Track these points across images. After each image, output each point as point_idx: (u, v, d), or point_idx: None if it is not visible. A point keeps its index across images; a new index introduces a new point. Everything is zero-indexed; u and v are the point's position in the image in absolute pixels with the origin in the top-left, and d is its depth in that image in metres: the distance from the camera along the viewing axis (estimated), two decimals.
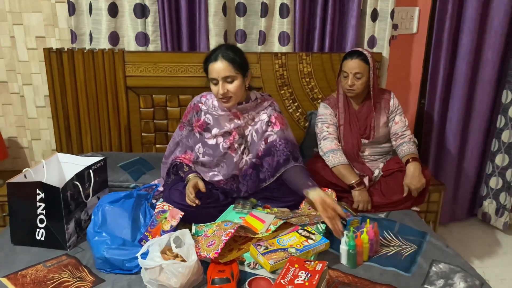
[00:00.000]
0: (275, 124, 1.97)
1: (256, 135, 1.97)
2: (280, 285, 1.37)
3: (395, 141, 2.26)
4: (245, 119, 1.97)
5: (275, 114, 1.98)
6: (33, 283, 1.52)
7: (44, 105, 2.69)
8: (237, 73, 1.85)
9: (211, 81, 1.87)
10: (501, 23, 2.63)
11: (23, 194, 1.72)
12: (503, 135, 2.80)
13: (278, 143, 1.95)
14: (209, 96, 2.02)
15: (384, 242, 1.84)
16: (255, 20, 2.58)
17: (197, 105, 2.02)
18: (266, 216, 1.81)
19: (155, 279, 1.48)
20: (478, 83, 2.78)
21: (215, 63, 1.83)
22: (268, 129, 1.97)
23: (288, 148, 1.95)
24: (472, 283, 1.55)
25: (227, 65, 1.82)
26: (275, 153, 1.95)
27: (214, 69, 1.83)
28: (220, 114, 1.96)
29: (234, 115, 1.96)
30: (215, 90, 1.87)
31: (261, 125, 1.97)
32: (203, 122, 1.99)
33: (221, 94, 1.85)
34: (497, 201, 2.92)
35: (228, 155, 1.98)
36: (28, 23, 2.55)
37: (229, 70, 1.83)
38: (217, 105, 1.98)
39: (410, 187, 2.07)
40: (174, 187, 1.95)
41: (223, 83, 1.84)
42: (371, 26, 2.61)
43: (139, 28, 2.49)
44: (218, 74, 1.82)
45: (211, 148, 1.99)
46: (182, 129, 2.08)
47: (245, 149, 1.99)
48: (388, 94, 2.28)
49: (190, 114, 2.04)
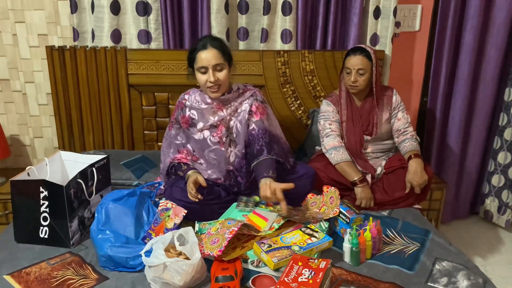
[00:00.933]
0: (255, 113, 1.96)
1: (241, 125, 1.96)
2: (284, 283, 1.37)
3: (397, 138, 2.26)
4: (228, 110, 1.97)
5: (256, 104, 1.97)
6: (37, 281, 1.52)
7: (46, 103, 2.69)
8: (225, 62, 1.87)
9: (198, 71, 1.87)
10: (504, 21, 2.62)
11: (26, 192, 1.72)
12: (506, 133, 2.80)
13: (257, 133, 1.92)
14: (192, 91, 2.03)
15: (387, 240, 1.84)
16: (257, 18, 2.57)
17: (181, 102, 2.04)
18: (269, 214, 1.82)
19: (159, 276, 1.48)
20: (481, 81, 2.78)
21: (204, 51, 1.84)
22: (250, 118, 1.96)
23: (264, 139, 1.90)
24: (476, 281, 1.55)
25: (217, 52, 1.84)
26: (252, 143, 1.92)
27: (204, 57, 1.83)
28: (203, 108, 1.97)
29: (217, 107, 1.97)
30: (203, 79, 1.86)
31: (243, 115, 1.97)
32: (188, 117, 2.00)
33: (211, 82, 1.85)
34: (499, 199, 2.92)
35: (218, 151, 1.97)
36: (30, 21, 2.54)
37: (219, 58, 1.85)
38: (200, 99, 1.98)
39: (412, 184, 2.07)
40: (175, 184, 1.95)
41: (213, 71, 1.84)
42: (373, 24, 2.60)
43: (141, 26, 2.49)
44: (209, 62, 1.83)
45: (199, 143, 1.99)
46: (170, 128, 2.08)
47: (231, 142, 1.98)
48: (390, 91, 2.28)
49: (176, 112, 2.05)
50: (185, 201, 1.84)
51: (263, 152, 1.87)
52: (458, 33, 2.70)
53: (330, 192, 1.95)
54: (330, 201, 1.93)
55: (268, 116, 2.01)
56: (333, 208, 1.89)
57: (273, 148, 1.92)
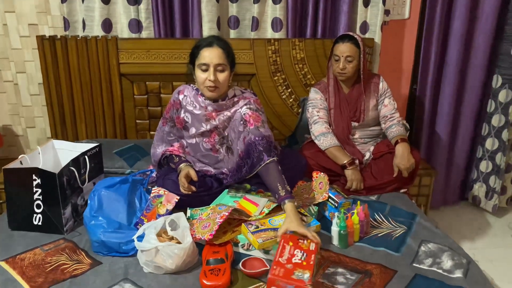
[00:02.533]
0: (249, 122, 1.85)
1: (234, 135, 1.91)
2: (279, 263, 1.40)
3: (384, 124, 2.30)
4: (221, 119, 1.92)
5: (249, 113, 1.88)
6: (32, 266, 1.55)
7: (38, 93, 2.70)
8: (228, 64, 1.84)
9: (199, 68, 1.82)
10: (492, 8, 2.65)
11: (19, 180, 1.74)
12: (493, 120, 2.84)
13: (254, 141, 1.79)
14: (187, 91, 1.97)
15: (374, 223, 1.88)
16: (247, 6, 2.58)
17: (176, 102, 1.98)
18: (260, 199, 1.85)
19: (151, 260, 1.51)
20: (469, 68, 2.81)
21: (209, 49, 1.81)
22: (244, 129, 1.86)
23: (261, 145, 1.77)
24: (459, 261, 1.60)
25: (221, 52, 1.81)
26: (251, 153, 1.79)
27: (208, 55, 1.80)
28: (196, 113, 1.93)
29: (210, 116, 1.92)
30: (203, 77, 1.82)
31: (236, 124, 1.89)
32: (182, 119, 1.97)
33: (210, 81, 1.80)
34: (487, 185, 2.97)
35: (210, 156, 1.98)
36: (20, 10, 2.54)
37: (222, 58, 1.81)
38: (194, 101, 1.93)
39: (400, 167, 2.11)
40: (167, 176, 1.95)
41: (214, 70, 1.81)
42: (363, 12, 2.62)
43: (132, 15, 2.49)
44: (211, 60, 1.80)
45: (191, 146, 2.00)
46: (164, 124, 2.05)
47: (229, 149, 1.96)
48: (377, 78, 2.31)
49: (171, 111, 2.00)
50: (177, 194, 1.84)
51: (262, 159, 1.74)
52: (447, 20, 2.73)
53: (319, 177, 1.98)
54: (319, 186, 1.96)
55: (263, 123, 1.89)
56: (322, 193, 1.93)
57: (272, 151, 1.79)
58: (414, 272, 1.55)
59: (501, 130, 2.82)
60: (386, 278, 1.52)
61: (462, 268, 1.56)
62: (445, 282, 1.49)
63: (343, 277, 1.52)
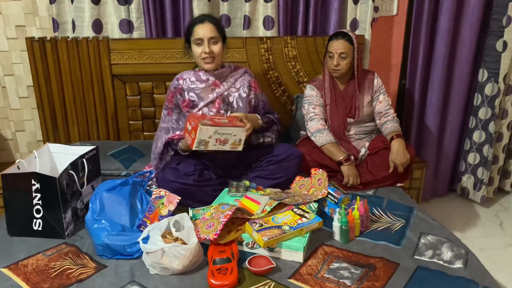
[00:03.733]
0: (254, 88, 2.18)
1: (241, 100, 2.11)
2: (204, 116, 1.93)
3: (379, 120, 2.34)
4: (225, 86, 2.10)
5: (253, 79, 2.20)
6: (35, 272, 1.53)
7: (28, 95, 2.65)
8: (219, 37, 2.02)
9: (194, 43, 2.00)
10: (478, 4, 2.71)
11: (18, 185, 1.72)
12: (480, 113, 2.92)
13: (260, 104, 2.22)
14: (185, 74, 2.12)
15: (373, 218, 1.92)
16: (239, 5, 2.59)
17: (178, 88, 2.10)
18: (261, 197, 1.86)
19: (157, 262, 1.51)
20: (456, 62, 2.87)
21: (201, 24, 2.00)
22: (250, 93, 2.15)
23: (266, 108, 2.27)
24: (458, 252, 1.65)
25: (212, 26, 2.00)
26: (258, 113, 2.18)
27: (201, 30, 1.98)
28: (201, 87, 2.08)
29: (214, 84, 2.09)
30: (199, 51, 2.00)
31: (243, 90, 2.13)
32: (188, 100, 2.08)
33: (206, 53, 1.98)
34: (475, 176, 3.05)
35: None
36: (7, 12, 2.49)
37: (214, 32, 2.00)
38: (195, 79, 2.09)
39: (395, 163, 2.16)
40: (167, 167, 2.01)
41: (208, 43, 1.98)
42: (353, 9, 2.65)
43: (123, 15, 2.47)
44: (204, 34, 1.98)
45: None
46: (170, 114, 2.13)
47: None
48: (372, 75, 2.34)
49: (175, 98, 2.11)
50: (178, 182, 1.90)
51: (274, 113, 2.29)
52: (434, 16, 2.78)
53: (318, 174, 2.01)
54: (318, 183, 1.99)
55: (261, 90, 2.25)
56: (321, 189, 1.96)
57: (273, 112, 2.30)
58: (416, 264, 1.59)
59: (487, 123, 2.90)
60: (390, 271, 1.55)
61: (461, 258, 1.61)
62: (446, 273, 1.53)
63: (348, 272, 1.55)
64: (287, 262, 1.61)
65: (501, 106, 2.92)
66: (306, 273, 1.54)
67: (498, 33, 2.74)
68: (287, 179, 2.08)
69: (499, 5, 2.71)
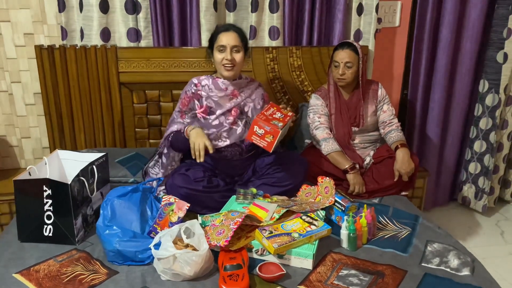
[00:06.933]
0: (267, 101, 2.26)
1: (255, 111, 2.17)
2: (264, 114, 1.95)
3: (383, 129, 2.38)
4: (242, 96, 2.16)
5: (266, 93, 2.32)
6: (48, 278, 1.54)
7: (34, 102, 2.67)
8: (242, 47, 2.09)
9: (217, 50, 2.06)
10: (479, 16, 2.77)
11: (30, 191, 1.73)
12: (481, 123, 2.96)
13: None
14: (204, 81, 2.15)
15: (380, 226, 1.94)
16: (245, 15, 2.63)
17: (196, 94, 2.14)
18: (269, 205, 1.89)
19: (169, 268, 1.53)
20: (457, 73, 2.93)
21: (226, 32, 2.07)
22: (264, 105, 2.21)
23: None
24: (465, 260, 1.67)
25: (236, 35, 2.07)
26: None
27: (225, 38, 2.05)
28: (220, 96, 2.13)
29: (232, 94, 2.14)
30: (220, 57, 2.06)
31: (258, 101, 2.21)
32: (206, 107, 2.13)
33: (227, 60, 2.04)
34: (476, 185, 3.09)
35: (232, 130, 2.12)
36: (15, 20, 2.52)
37: (238, 41, 2.06)
38: (213, 87, 2.13)
39: (400, 172, 2.19)
40: (177, 172, 2.03)
41: (231, 51, 2.04)
42: (356, 20, 2.70)
43: (131, 24, 2.50)
44: (228, 42, 2.04)
45: (215, 127, 2.11)
46: (184, 117, 2.15)
47: (247, 123, 2.16)
48: (376, 85, 2.38)
49: (191, 103, 2.14)
50: (187, 188, 1.93)
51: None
52: (436, 28, 2.83)
53: (324, 182, 2.03)
54: (325, 191, 2.01)
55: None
56: (328, 197, 1.98)
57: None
58: (423, 272, 1.61)
59: (488, 133, 2.94)
60: (398, 278, 1.57)
61: (468, 266, 1.63)
62: (454, 280, 1.56)
63: (357, 279, 1.57)
64: (296, 269, 1.63)
65: (502, 117, 2.97)
66: (315, 280, 1.56)
67: (498, 45, 2.79)
68: (294, 186, 2.11)
69: (499, 17, 2.77)
